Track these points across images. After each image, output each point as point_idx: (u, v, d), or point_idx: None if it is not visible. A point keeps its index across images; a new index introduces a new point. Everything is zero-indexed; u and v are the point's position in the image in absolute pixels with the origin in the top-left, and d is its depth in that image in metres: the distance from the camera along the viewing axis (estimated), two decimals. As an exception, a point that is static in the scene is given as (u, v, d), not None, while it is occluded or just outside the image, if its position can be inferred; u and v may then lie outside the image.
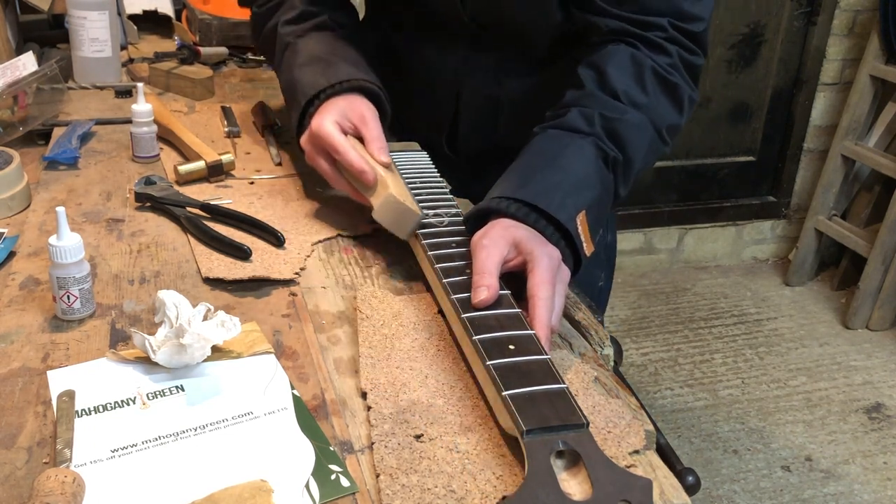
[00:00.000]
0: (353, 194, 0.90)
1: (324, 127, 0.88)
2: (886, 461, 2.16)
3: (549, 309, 0.69)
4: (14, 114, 1.15)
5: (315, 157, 0.91)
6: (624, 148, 0.86)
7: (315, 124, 0.89)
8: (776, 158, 3.06)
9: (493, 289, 0.69)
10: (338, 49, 1.00)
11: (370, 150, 0.88)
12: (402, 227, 0.84)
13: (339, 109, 0.90)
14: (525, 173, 0.82)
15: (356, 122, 0.90)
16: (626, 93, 0.88)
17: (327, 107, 0.91)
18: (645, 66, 0.90)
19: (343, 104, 0.91)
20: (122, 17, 1.58)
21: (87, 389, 0.65)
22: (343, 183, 0.90)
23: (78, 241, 0.73)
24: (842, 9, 2.78)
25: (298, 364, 0.70)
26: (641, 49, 0.91)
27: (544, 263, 0.71)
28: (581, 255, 0.79)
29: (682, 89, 0.92)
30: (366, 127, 0.90)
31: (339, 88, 0.92)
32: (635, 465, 0.59)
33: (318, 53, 0.98)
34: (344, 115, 0.90)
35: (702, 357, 2.58)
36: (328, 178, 0.91)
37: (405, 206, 0.83)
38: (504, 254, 0.72)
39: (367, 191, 0.87)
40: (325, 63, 0.96)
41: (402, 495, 0.55)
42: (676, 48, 0.92)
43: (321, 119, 0.89)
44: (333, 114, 0.90)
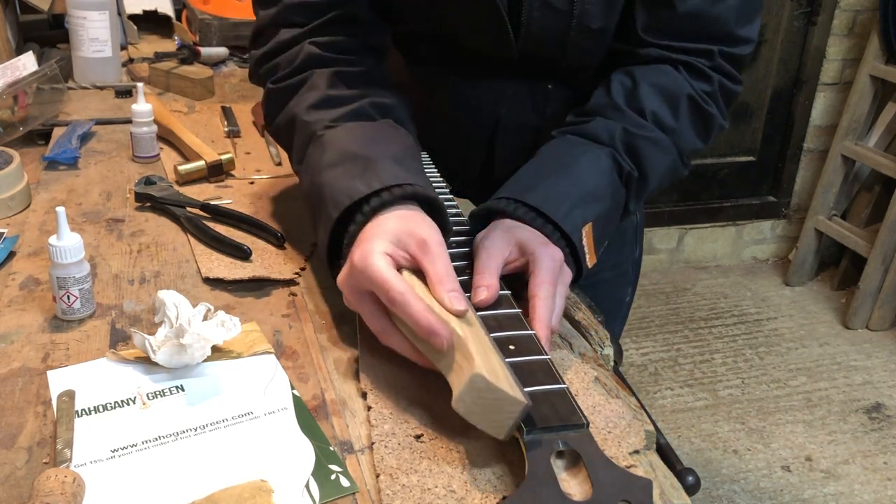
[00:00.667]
0: (418, 360, 0.65)
1: (373, 263, 0.63)
2: (886, 461, 2.17)
3: (550, 309, 0.68)
4: (14, 114, 1.15)
5: (359, 302, 0.66)
6: (641, 165, 0.84)
7: (359, 258, 0.64)
8: (776, 158, 3.06)
9: (493, 289, 0.68)
10: (381, 141, 0.77)
11: (437, 293, 0.63)
12: (498, 419, 0.55)
13: (391, 233, 0.66)
14: (536, 177, 0.79)
15: (415, 251, 0.65)
16: (655, 113, 0.85)
17: (373, 229, 0.67)
18: (681, 96, 0.86)
19: (397, 225, 0.67)
20: (122, 17, 1.58)
21: (87, 389, 0.65)
22: (401, 341, 0.66)
23: (78, 241, 0.73)
24: (842, 9, 2.78)
25: (298, 364, 0.70)
26: (682, 72, 0.87)
27: (546, 264, 0.70)
28: (583, 267, 0.77)
29: (715, 119, 0.89)
30: (429, 258, 0.65)
31: (388, 198, 0.69)
32: (635, 466, 0.59)
33: (353, 148, 0.75)
34: (398, 242, 0.66)
35: (702, 357, 2.58)
36: (379, 335, 0.67)
37: (502, 391, 0.54)
38: (506, 255, 0.71)
39: (441, 359, 0.61)
40: (365, 161, 0.72)
41: (403, 495, 0.55)
42: (719, 77, 0.88)
43: (367, 250, 0.64)
44: (383, 241, 0.65)
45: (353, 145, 0.75)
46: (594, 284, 0.86)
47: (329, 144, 0.77)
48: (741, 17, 0.87)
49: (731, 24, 0.86)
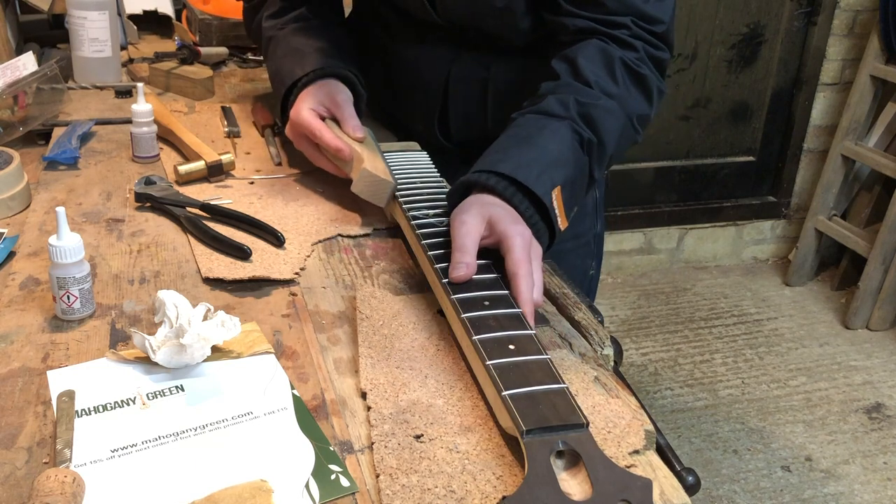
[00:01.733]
0: (335, 172, 0.99)
1: (301, 114, 0.98)
2: (886, 461, 2.16)
3: (531, 285, 0.73)
4: (14, 114, 1.15)
5: (299, 142, 1.01)
6: (598, 131, 0.91)
7: (293, 113, 0.99)
8: (776, 158, 3.06)
9: (472, 266, 0.74)
10: (313, 39, 1.09)
11: (345, 129, 0.98)
12: (379, 197, 0.92)
13: (313, 97, 1.00)
14: (504, 150, 0.86)
15: (330, 105, 1.00)
16: (598, 82, 0.93)
17: (303, 95, 1.01)
18: (614, 58, 0.95)
19: (317, 91, 1.01)
20: (122, 17, 1.58)
21: (87, 389, 0.65)
22: (326, 162, 1.00)
23: (78, 241, 0.73)
24: (842, 9, 2.78)
25: (298, 364, 0.70)
26: (610, 44, 0.96)
27: (518, 242, 0.75)
28: (556, 229, 0.84)
29: (650, 80, 0.97)
30: (339, 109, 0.99)
31: (313, 76, 1.02)
32: (635, 466, 0.59)
33: (294, 45, 1.08)
34: (318, 101, 1.00)
35: (702, 357, 2.58)
36: (312, 159, 1.01)
37: (379, 177, 0.91)
38: (481, 231, 0.77)
39: (347, 166, 0.96)
40: (301, 54, 1.06)
41: (402, 495, 0.55)
42: (642, 44, 0.97)
43: (298, 107, 0.99)
44: (309, 101, 0.99)
45: (294, 42, 1.09)
46: (557, 252, 0.92)
47: (280, 42, 1.11)
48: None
49: (637, 4, 0.97)
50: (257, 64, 1.56)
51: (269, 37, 1.14)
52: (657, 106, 1.00)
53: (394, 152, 1.02)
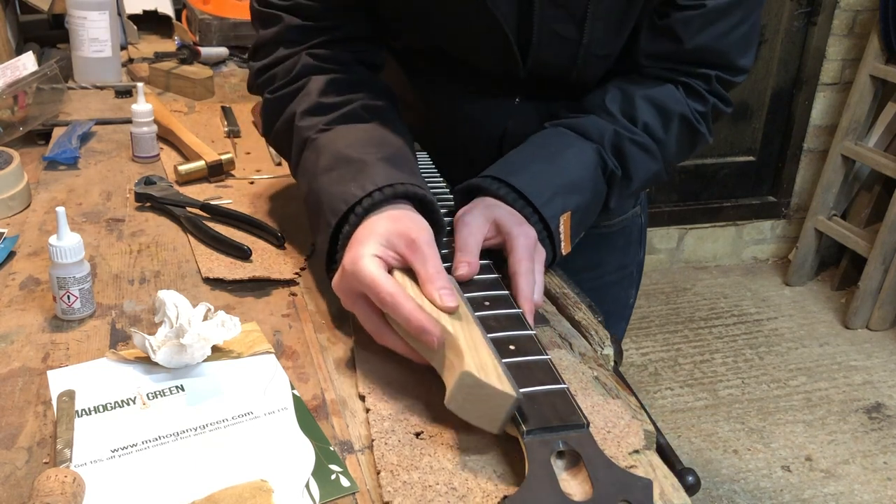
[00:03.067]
0: (412, 356, 0.66)
1: (361, 265, 0.64)
2: (886, 461, 2.16)
3: (531, 284, 0.72)
4: (14, 114, 1.15)
5: (353, 302, 0.67)
6: (626, 166, 0.87)
7: (349, 262, 0.66)
8: (776, 158, 3.06)
9: (474, 265, 0.72)
10: (373, 143, 0.78)
11: (427, 292, 0.64)
12: (490, 414, 0.56)
13: (380, 235, 0.67)
14: (523, 161, 0.83)
15: (405, 251, 0.67)
16: (647, 125, 0.88)
17: (364, 232, 0.68)
18: (675, 111, 0.89)
19: (385, 226, 0.68)
20: (122, 17, 1.58)
21: (87, 389, 0.65)
22: (395, 340, 0.67)
23: (78, 241, 0.73)
24: (842, 9, 2.78)
25: (298, 364, 0.70)
26: (680, 91, 0.89)
27: (522, 242, 0.74)
28: (557, 253, 0.81)
29: (703, 137, 0.93)
30: (419, 257, 0.66)
31: (380, 197, 0.70)
32: (636, 466, 0.59)
33: (346, 151, 0.76)
34: (388, 244, 0.67)
35: (702, 357, 2.58)
36: (374, 332, 0.68)
37: (491, 386, 0.55)
38: (484, 232, 0.75)
39: (433, 356, 0.63)
40: (357, 164, 0.74)
41: (404, 492, 0.55)
42: (714, 99, 0.91)
43: (357, 253, 0.66)
44: (373, 243, 0.66)
45: (346, 149, 0.77)
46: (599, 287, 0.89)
47: (323, 148, 0.78)
48: (742, 49, 0.89)
49: (732, 56, 0.89)
50: (257, 64, 1.56)
51: (305, 139, 0.81)
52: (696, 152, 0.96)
53: None
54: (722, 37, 0.87)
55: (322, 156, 0.78)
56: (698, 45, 0.87)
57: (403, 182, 0.71)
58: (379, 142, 0.78)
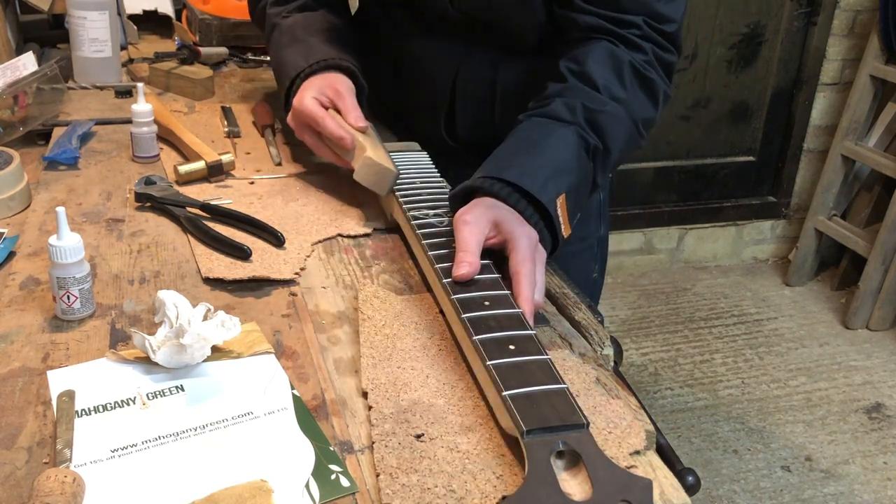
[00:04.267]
0: (337, 161, 0.99)
1: (304, 103, 0.98)
2: (886, 461, 2.16)
3: (532, 285, 0.73)
4: (14, 114, 1.15)
5: (301, 131, 1.01)
6: (604, 137, 0.90)
7: (296, 101, 0.99)
8: (776, 158, 3.06)
9: (475, 265, 0.74)
10: (317, 29, 1.10)
11: (347, 119, 0.98)
12: (381, 185, 0.93)
13: (316, 87, 1.00)
14: (510, 156, 0.86)
15: (332, 96, 0.99)
16: (606, 86, 0.92)
17: (306, 85, 1.01)
18: (623, 62, 0.94)
19: (320, 82, 1.01)
20: (122, 17, 1.58)
21: (87, 389, 0.65)
22: (327, 152, 0.99)
23: (78, 241, 0.73)
24: (842, 9, 2.78)
25: (298, 364, 0.70)
26: (619, 46, 0.95)
27: (523, 243, 0.75)
28: (559, 237, 0.83)
29: (657, 84, 0.97)
30: (341, 100, 0.99)
31: (317, 67, 1.03)
32: (636, 466, 0.59)
33: (298, 35, 1.09)
34: (321, 91, 0.99)
35: (702, 357, 2.58)
36: (314, 149, 1.00)
37: (381, 165, 0.92)
38: (485, 232, 0.77)
39: (348, 155, 0.96)
40: (305, 44, 1.07)
41: (402, 495, 0.55)
42: (651, 45, 0.97)
43: (301, 96, 0.99)
44: (312, 91, 0.99)
45: (298, 32, 1.10)
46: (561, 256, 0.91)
47: (284, 31, 1.12)
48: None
49: (650, 2, 0.96)
50: (257, 64, 1.56)
51: (273, 24, 1.14)
52: (663, 109, 1.00)
53: (394, 152, 1.02)
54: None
55: (283, 35, 1.11)
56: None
57: (334, 58, 1.04)
58: (322, 27, 1.11)
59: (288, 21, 1.13)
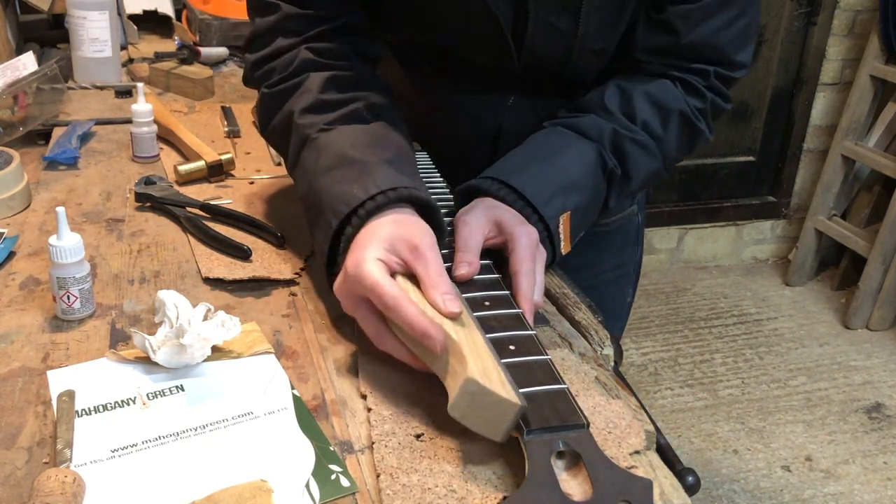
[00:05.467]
0: (414, 363, 0.66)
1: (365, 269, 0.63)
2: (886, 461, 2.16)
3: (532, 284, 0.71)
4: (14, 114, 1.15)
5: (354, 306, 0.67)
6: (626, 165, 0.87)
7: (352, 265, 0.64)
8: (776, 158, 3.06)
9: (475, 265, 0.72)
10: (375, 145, 0.77)
11: (430, 297, 0.63)
12: (494, 422, 0.56)
13: (384, 239, 0.66)
14: (522, 162, 0.83)
15: (408, 256, 0.66)
16: (645, 122, 0.88)
17: (366, 235, 0.67)
18: (674, 108, 0.89)
19: (389, 230, 0.67)
20: (122, 17, 1.58)
21: (87, 389, 0.65)
22: (396, 345, 0.66)
23: (78, 241, 0.73)
24: (842, 9, 2.78)
25: (298, 364, 0.70)
26: (678, 87, 0.89)
27: (524, 242, 0.74)
28: (556, 253, 0.81)
29: (702, 134, 0.92)
30: (422, 262, 0.65)
31: (382, 202, 0.69)
32: (636, 466, 0.59)
33: (349, 152, 0.75)
34: (391, 248, 0.66)
35: (702, 357, 2.58)
36: (374, 338, 0.67)
37: (495, 394, 0.54)
38: (485, 232, 0.75)
39: (435, 362, 0.62)
40: (360, 166, 0.73)
41: (403, 495, 0.55)
42: (712, 96, 0.91)
43: (360, 257, 0.64)
44: (376, 247, 0.65)
45: (348, 149, 0.75)
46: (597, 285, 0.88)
47: (324, 148, 0.77)
48: (739, 45, 0.89)
49: (729, 52, 0.89)
50: (257, 64, 1.56)
51: (305, 137, 0.80)
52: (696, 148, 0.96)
53: None
54: (719, 31, 0.87)
55: (323, 155, 0.76)
56: (695, 40, 0.87)
57: (406, 186, 0.70)
58: (381, 143, 0.77)
59: (330, 134, 0.79)
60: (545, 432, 0.55)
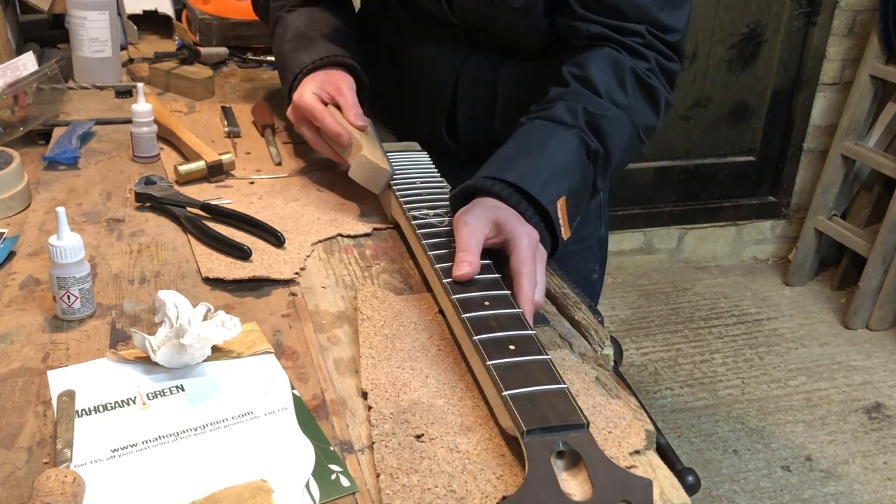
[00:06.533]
0: (333, 157, 1.00)
1: (304, 97, 0.98)
2: (886, 461, 2.16)
3: (533, 284, 0.73)
4: (14, 114, 1.15)
5: (299, 125, 1.01)
6: (605, 142, 0.90)
7: (296, 96, 0.99)
8: (776, 158, 3.06)
9: (475, 265, 0.73)
10: (320, 25, 1.10)
11: (346, 116, 0.99)
12: (375, 183, 0.94)
13: (317, 82, 1.00)
14: (511, 157, 0.86)
15: (333, 92, 1.00)
16: (608, 91, 0.92)
17: (307, 80, 1.02)
18: (625, 68, 0.94)
19: (321, 77, 1.01)
20: (122, 17, 1.58)
21: (87, 389, 0.65)
22: (325, 147, 1.00)
23: (78, 241, 0.73)
24: (842, 9, 2.78)
25: (298, 364, 0.70)
26: (622, 53, 0.95)
27: (524, 243, 0.75)
28: (559, 239, 0.83)
29: (659, 92, 0.97)
30: (342, 96, 1.00)
31: (319, 64, 1.03)
32: (636, 466, 0.59)
33: (302, 29, 1.09)
34: (322, 87, 1.00)
35: (702, 357, 2.58)
36: (312, 143, 1.01)
37: (376, 164, 0.92)
38: (486, 232, 0.77)
39: (345, 152, 0.97)
40: (308, 40, 1.07)
41: (403, 495, 0.55)
42: (654, 54, 0.97)
43: (301, 91, 0.99)
44: (312, 86, 1.00)
45: (302, 27, 1.10)
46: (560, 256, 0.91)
47: (288, 25, 1.12)
48: (664, 3, 0.97)
49: (653, 11, 0.96)
50: (257, 64, 1.56)
51: (276, 17, 1.15)
52: (664, 117, 1.00)
53: (394, 152, 1.02)
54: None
55: (287, 30, 1.11)
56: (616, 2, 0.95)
57: (337, 55, 1.04)
58: (325, 23, 1.11)
59: (291, 15, 1.13)
60: (545, 432, 0.55)
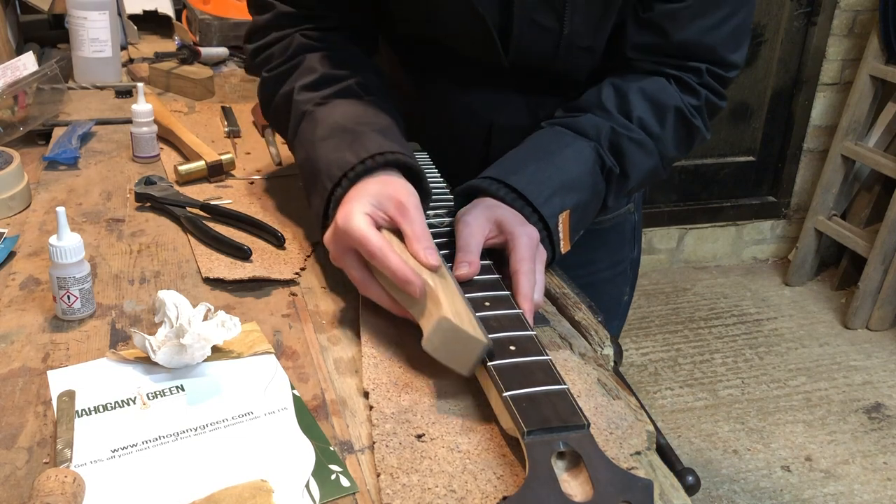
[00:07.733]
0: (393, 308, 0.72)
1: (353, 222, 0.69)
2: (886, 461, 2.17)
3: (532, 284, 0.72)
4: (14, 114, 1.15)
5: (342, 256, 0.72)
6: (623, 163, 0.87)
7: (342, 218, 0.70)
8: (776, 158, 3.07)
9: (475, 265, 0.72)
10: (367, 116, 0.83)
11: (413, 249, 0.69)
12: (462, 358, 0.63)
13: (371, 196, 0.72)
14: (521, 161, 0.84)
15: (393, 212, 0.71)
16: (641, 119, 0.88)
17: (356, 193, 0.73)
18: (669, 104, 0.89)
19: (376, 188, 0.73)
20: (122, 17, 1.58)
21: (87, 389, 0.65)
22: (379, 293, 0.72)
23: (78, 241, 0.73)
24: (842, 9, 2.79)
25: (298, 364, 0.70)
26: (672, 84, 0.90)
27: (524, 242, 0.74)
28: (556, 252, 0.82)
29: (699, 132, 0.93)
30: (406, 218, 0.71)
31: (372, 165, 0.75)
32: (636, 466, 0.59)
33: (342, 123, 0.81)
34: (378, 204, 0.72)
35: (702, 357, 2.58)
36: (360, 285, 0.73)
37: (465, 332, 0.61)
38: (486, 232, 0.76)
39: (413, 306, 0.68)
40: (353, 134, 0.79)
41: (403, 495, 0.55)
42: (706, 92, 0.91)
43: (349, 211, 0.70)
44: (364, 203, 0.71)
45: (341, 120, 0.82)
46: (593, 283, 0.89)
47: (320, 120, 0.83)
48: (731, 44, 0.90)
49: (721, 51, 0.89)
50: (257, 64, 1.56)
51: (303, 112, 0.86)
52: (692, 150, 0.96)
53: None
54: (709, 31, 0.87)
55: (319, 126, 0.82)
56: (685, 40, 0.87)
57: (394, 151, 0.76)
58: (372, 115, 0.83)
59: (324, 109, 0.84)
60: (546, 433, 0.55)
